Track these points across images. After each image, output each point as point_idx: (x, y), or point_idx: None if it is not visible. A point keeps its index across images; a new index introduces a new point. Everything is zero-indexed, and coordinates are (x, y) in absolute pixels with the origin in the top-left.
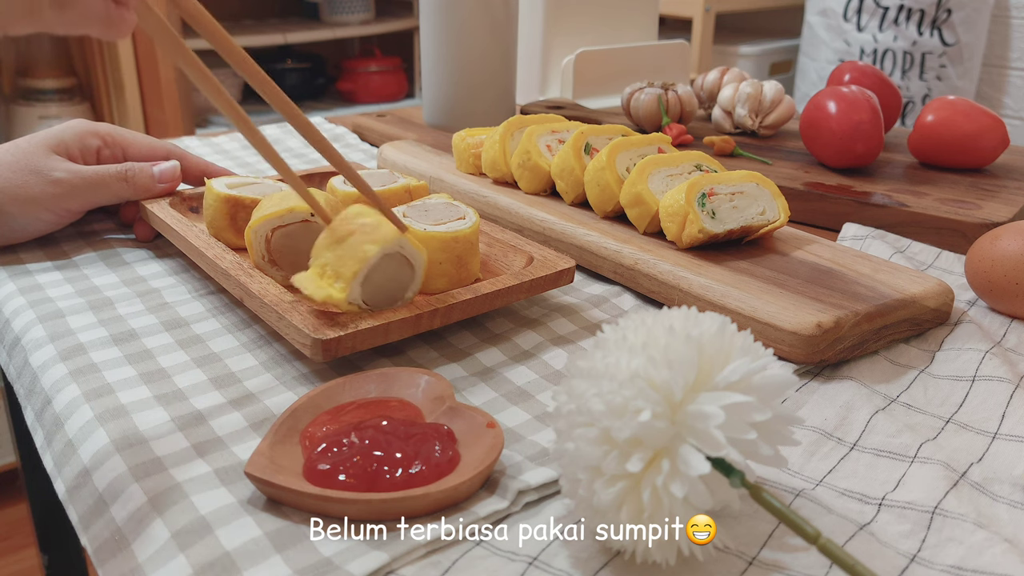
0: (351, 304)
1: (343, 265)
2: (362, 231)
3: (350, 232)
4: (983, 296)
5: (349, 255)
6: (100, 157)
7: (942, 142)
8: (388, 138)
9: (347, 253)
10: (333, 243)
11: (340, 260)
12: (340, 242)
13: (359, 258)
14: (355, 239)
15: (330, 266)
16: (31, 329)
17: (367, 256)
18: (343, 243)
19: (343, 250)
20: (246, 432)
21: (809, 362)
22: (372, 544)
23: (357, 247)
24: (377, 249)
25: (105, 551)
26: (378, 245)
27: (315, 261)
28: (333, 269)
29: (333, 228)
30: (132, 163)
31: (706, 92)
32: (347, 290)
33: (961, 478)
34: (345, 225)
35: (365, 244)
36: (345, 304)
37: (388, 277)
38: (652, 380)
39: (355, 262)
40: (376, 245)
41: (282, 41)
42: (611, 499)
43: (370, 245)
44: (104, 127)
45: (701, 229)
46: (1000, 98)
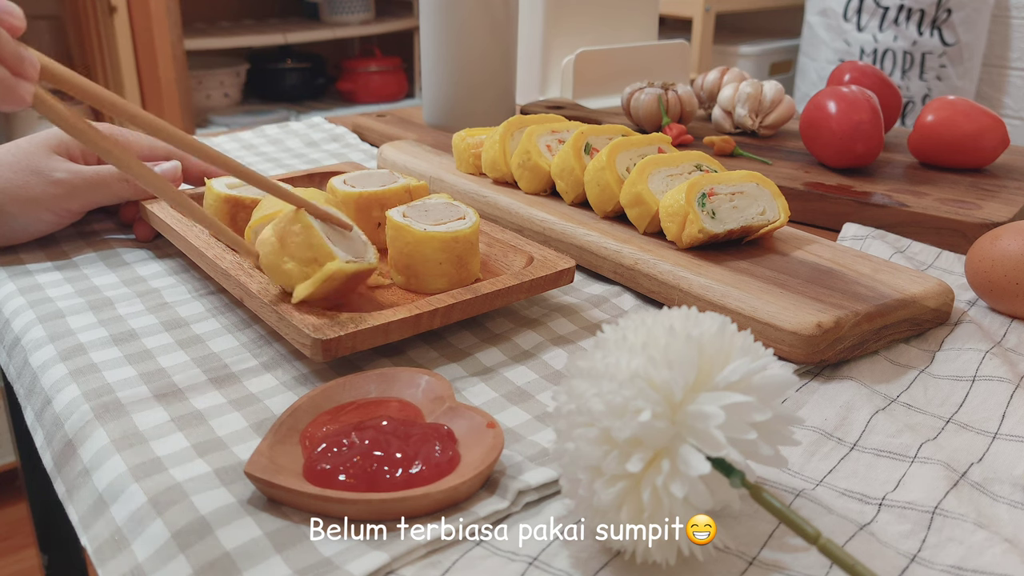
0: (347, 261)
1: (304, 252)
2: (283, 225)
3: (282, 238)
4: (983, 296)
5: (298, 246)
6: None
7: (942, 142)
8: (388, 138)
9: (295, 246)
10: (282, 254)
11: (300, 250)
12: (284, 248)
13: (306, 230)
14: (289, 236)
15: (299, 261)
16: (31, 329)
17: (307, 225)
18: (286, 246)
19: (293, 248)
20: (246, 432)
21: (809, 362)
22: (372, 544)
23: (295, 231)
24: (307, 218)
25: (105, 551)
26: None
27: (287, 277)
28: (303, 260)
29: (270, 250)
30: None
31: (706, 92)
32: (329, 257)
33: (961, 478)
34: (275, 242)
35: (295, 226)
36: (342, 262)
37: (342, 239)
38: (652, 380)
39: (307, 238)
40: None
41: (282, 41)
42: (611, 499)
43: (299, 221)
44: (105, 127)
45: (701, 229)
46: (1000, 98)
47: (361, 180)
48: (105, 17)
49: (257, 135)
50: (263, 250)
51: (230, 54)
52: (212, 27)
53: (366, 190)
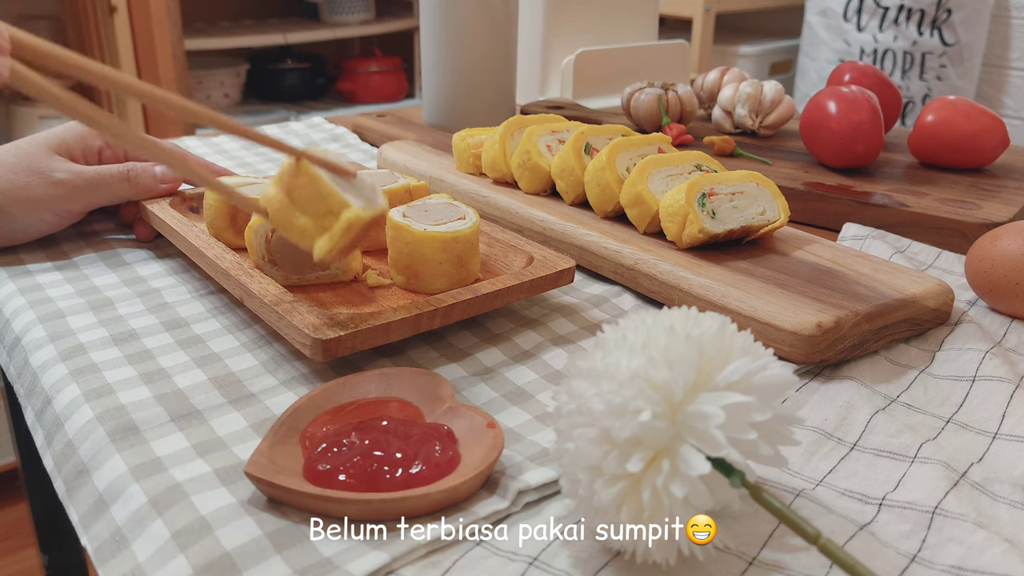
0: (364, 208)
1: (316, 204)
2: (287, 179)
3: (290, 192)
4: (983, 296)
5: (308, 199)
6: (102, 157)
7: (942, 142)
8: (388, 138)
9: (305, 199)
10: (292, 210)
11: (311, 203)
12: (294, 203)
13: (313, 182)
14: (296, 190)
15: (313, 215)
16: (31, 329)
17: (314, 176)
18: (296, 200)
19: (303, 202)
20: (246, 432)
21: (809, 362)
22: (372, 544)
23: (302, 184)
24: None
25: (105, 551)
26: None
27: (302, 233)
28: (317, 212)
29: (280, 207)
30: (134, 163)
31: (706, 92)
32: (344, 206)
33: (961, 478)
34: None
35: (300, 179)
36: (359, 209)
37: (349, 186)
38: (652, 380)
39: (316, 189)
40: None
41: (282, 41)
42: (611, 499)
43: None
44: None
45: (701, 229)
46: (1000, 98)
47: None
48: (105, 17)
49: None
50: (272, 208)
51: (230, 54)
52: (212, 27)
53: None
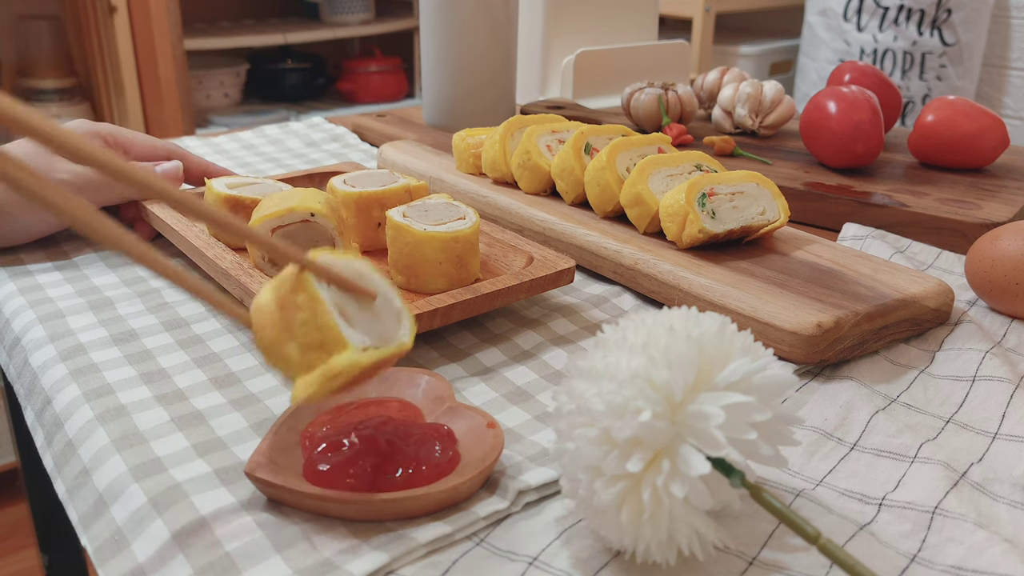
0: (364, 349)
1: (309, 333)
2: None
3: (284, 308)
4: (983, 296)
5: (302, 324)
6: None
7: (942, 142)
8: (388, 138)
9: (299, 324)
10: (282, 331)
11: (303, 330)
12: (285, 322)
13: (311, 303)
14: (291, 309)
15: (301, 345)
16: (31, 329)
17: (313, 297)
18: (287, 321)
19: (296, 326)
20: (246, 432)
21: (809, 362)
22: (372, 544)
23: (299, 303)
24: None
25: (105, 551)
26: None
27: (285, 363)
28: (306, 343)
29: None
30: (134, 163)
31: (706, 92)
32: (340, 345)
33: (961, 478)
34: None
35: (299, 297)
36: (357, 353)
37: (365, 311)
38: (652, 380)
39: (312, 315)
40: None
41: (282, 41)
42: (611, 499)
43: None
44: (106, 127)
45: (701, 229)
46: (1000, 98)
47: (361, 180)
48: (105, 17)
49: (257, 135)
50: (258, 319)
51: (230, 54)
52: (212, 27)
53: (366, 190)
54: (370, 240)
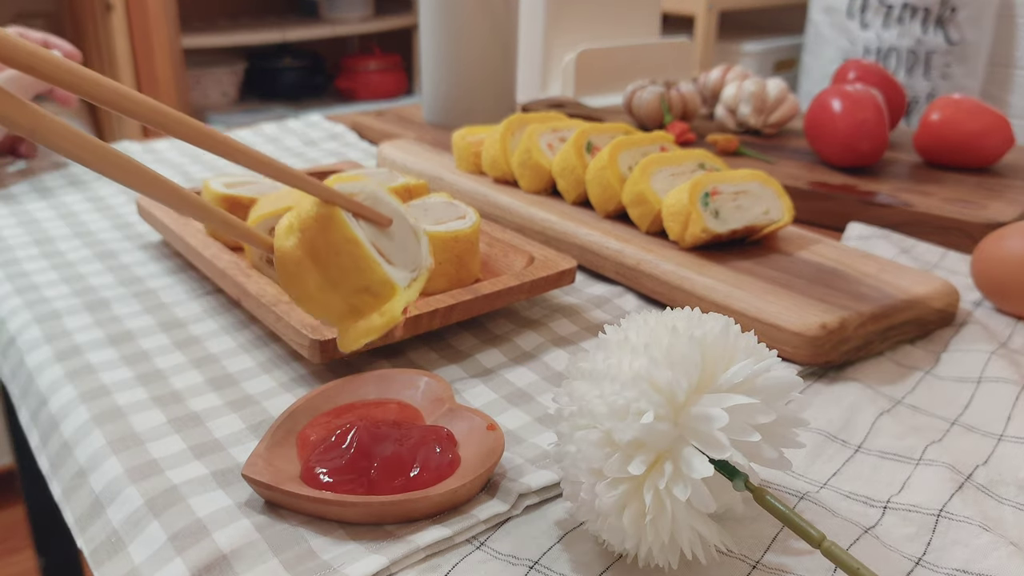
0: (408, 285)
1: (351, 277)
2: (312, 233)
3: (314, 252)
4: (989, 297)
5: (341, 269)
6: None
7: (947, 141)
8: (387, 136)
9: (337, 268)
10: (317, 277)
11: (344, 274)
12: (319, 267)
13: (351, 246)
14: (325, 253)
15: (344, 290)
16: (27, 329)
17: (352, 239)
18: (322, 265)
19: (333, 271)
20: (244, 434)
21: (813, 363)
22: (370, 547)
23: (335, 244)
24: (350, 229)
25: (102, 553)
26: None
27: (324, 309)
28: (350, 288)
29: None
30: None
31: (709, 90)
32: (389, 287)
33: (967, 480)
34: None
35: (333, 236)
36: (404, 291)
37: (386, 239)
38: (655, 381)
39: (353, 258)
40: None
41: (280, 39)
42: (613, 502)
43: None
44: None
45: (704, 229)
46: (1005, 97)
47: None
48: (102, 15)
49: (255, 134)
50: (284, 268)
51: (228, 52)
52: (210, 25)
53: None
54: None
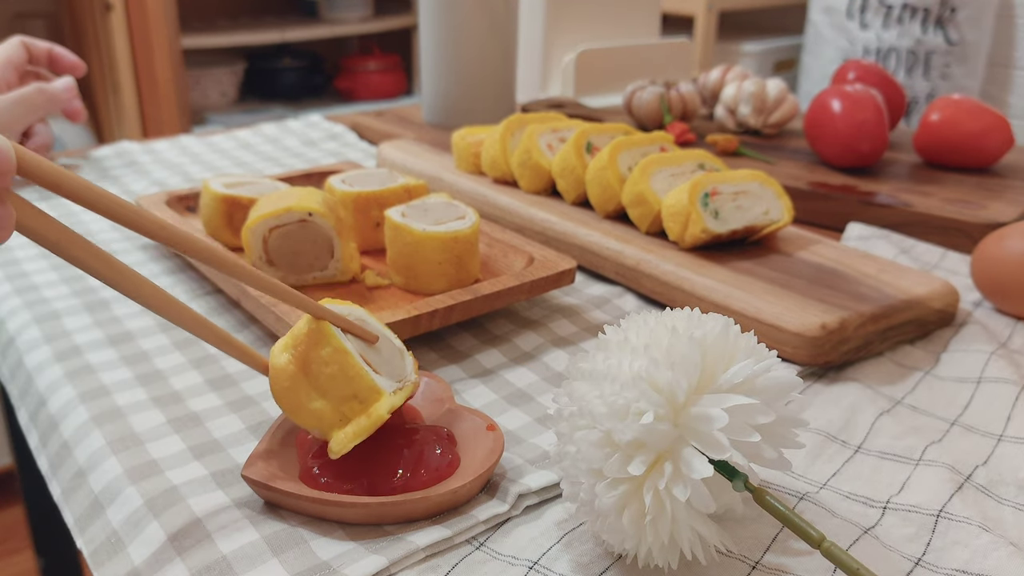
0: (394, 391)
1: (340, 387)
2: (304, 348)
3: (306, 366)
4: (989, 297)
5: (331, 379)
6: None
7: (947, 141)
8: (387, 136)
9: (327, 379)
10: (308, 390)
11: (333, 384)
12: (310, 380)
13: (339, 357)
14: (316, 365)
15: (333, 399)
16: (26, 330)
17: (340, 350)
18: (312, 378)
19: (323, 381)
20: (243, 435)
21: (813, 364)
22: (370, 548)
23: (324, 358)
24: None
25: (101, 554)
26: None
27: (315, 419)
28: (339, 397)
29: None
30: (39, 82)
31: (709, 90)
32: (375, 393)
33: (966, 481)
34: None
35: (323, 351)
36: (391, 397)
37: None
38: (655, 382)
39: (342, 368)
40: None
41: (280, 39)
42: (613, 502)
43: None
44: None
45: (704, 229)
46: (1005, 97)
47: (360, 179)
48: (101, 15)
49: (255, 134)
50: (277, 382)
51: (227, 52)
52: (209, 25)
53: (364, 189)
54: (368, 240)
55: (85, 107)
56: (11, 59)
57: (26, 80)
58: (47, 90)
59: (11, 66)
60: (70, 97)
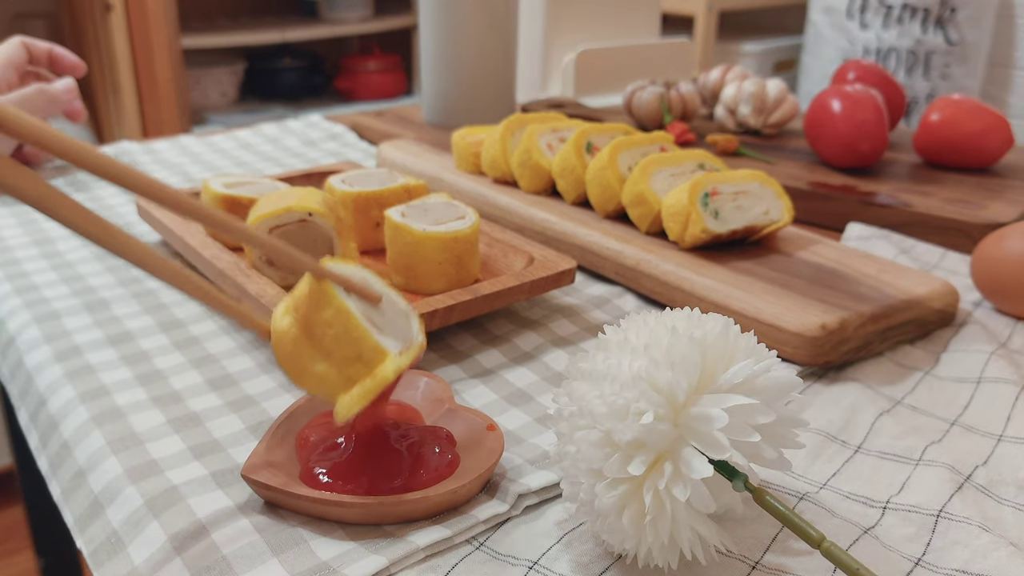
0: (400, 353)
1: (344, 348)
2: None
3: (308, 328)
4: (989, 297)
5: (334, 341)
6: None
7: (947, 141)
8: (387, 136)
9: (330, 340)
10: (311, 351)
11: (337, 345)
12: (313, 342)
13: (342, 318)
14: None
15: (336, 361)
16: (26, 329)
17: (343, 310)
18: (315, 340)
19: (327, 343)
20: (243, 434)
21: (813, 364)
22: (370, 548)
23: (327, 319)
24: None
25: (101, 554)
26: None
27: (319, 383)
28: (343, 358)
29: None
30: (39, 83)
31: (709, 90)
32: (379, 354)
33: (966, 481)
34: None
35: (325, 313)
36: (397, 357)
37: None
38: (655, 382)
39: (346, 329)
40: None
41: (280, 39)
42: (613, 502)
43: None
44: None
45: (704, 229)
46: (1005, 97)
47: (359, 179)
48: (101, 15)
49: (255, 134)
50: (281, 347)
51: (227, 52)
52: (209, 25)
53: (364, 189)
54: (368, 240)
55: (85, 107)
56: (11, 59)
57: (26, 80)
58: (47, 91)
59: (11, 66)
60: (70, 98)
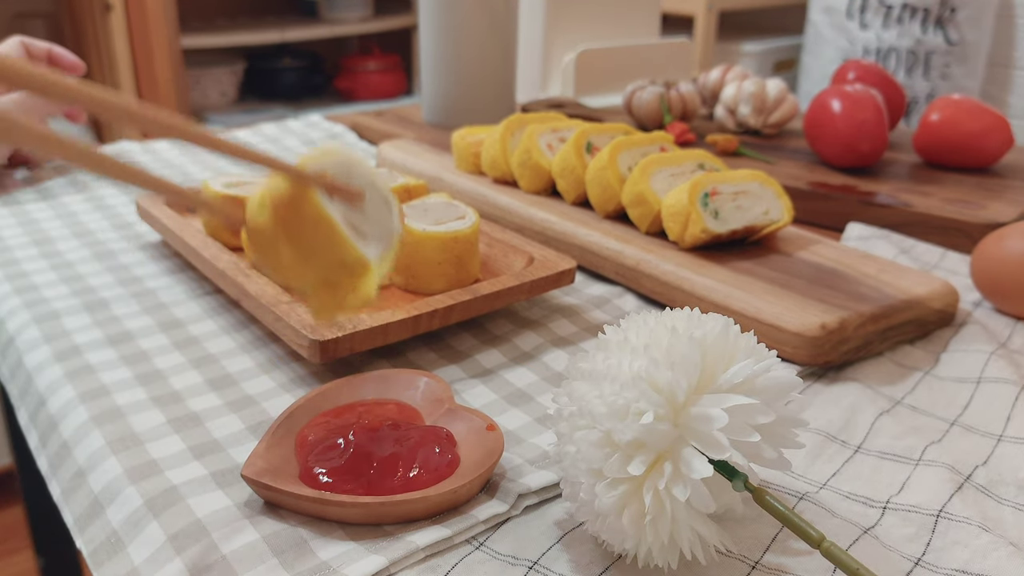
0: (383, 254)
1: (325, 253)
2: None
3: (289, 230)
4: (989, 297)
5: (317, 246)
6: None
7: (947, 141)
8: (387, 137)
9: (312, 247)
10: (294, 256)
11: (319, 251)
12: (293, 244)
13: (324, 225)
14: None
15: (319, 267)
16: (26, 329)
17: (324, 218)
18: (296, 242)
19: (308, 248)
20: (243, 434)
21: (813, 364)
22: (370, 548)
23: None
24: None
25: (101, 554)
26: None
27: (294, 279)
28: (324, 264)
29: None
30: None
31: (709, 90)
32: (363, 264)
33: (966, 481)
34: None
35: (305, 210)
36: (376, 266)
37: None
38: (655, 382)
39: (328, 235)
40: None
41: (280, 39)
42: (613, 502)
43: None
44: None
45: (704, 229)
46: (1005, 97)
47: None
48: (101, 15)
49: (255, 134)
50: (258, 242)
51: (227, 52)
52: (209, 25)
53: None
54: None
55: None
56: None
57: None
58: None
59: None
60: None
